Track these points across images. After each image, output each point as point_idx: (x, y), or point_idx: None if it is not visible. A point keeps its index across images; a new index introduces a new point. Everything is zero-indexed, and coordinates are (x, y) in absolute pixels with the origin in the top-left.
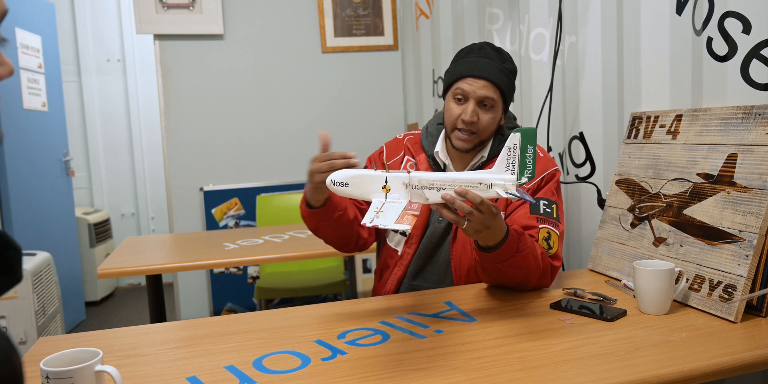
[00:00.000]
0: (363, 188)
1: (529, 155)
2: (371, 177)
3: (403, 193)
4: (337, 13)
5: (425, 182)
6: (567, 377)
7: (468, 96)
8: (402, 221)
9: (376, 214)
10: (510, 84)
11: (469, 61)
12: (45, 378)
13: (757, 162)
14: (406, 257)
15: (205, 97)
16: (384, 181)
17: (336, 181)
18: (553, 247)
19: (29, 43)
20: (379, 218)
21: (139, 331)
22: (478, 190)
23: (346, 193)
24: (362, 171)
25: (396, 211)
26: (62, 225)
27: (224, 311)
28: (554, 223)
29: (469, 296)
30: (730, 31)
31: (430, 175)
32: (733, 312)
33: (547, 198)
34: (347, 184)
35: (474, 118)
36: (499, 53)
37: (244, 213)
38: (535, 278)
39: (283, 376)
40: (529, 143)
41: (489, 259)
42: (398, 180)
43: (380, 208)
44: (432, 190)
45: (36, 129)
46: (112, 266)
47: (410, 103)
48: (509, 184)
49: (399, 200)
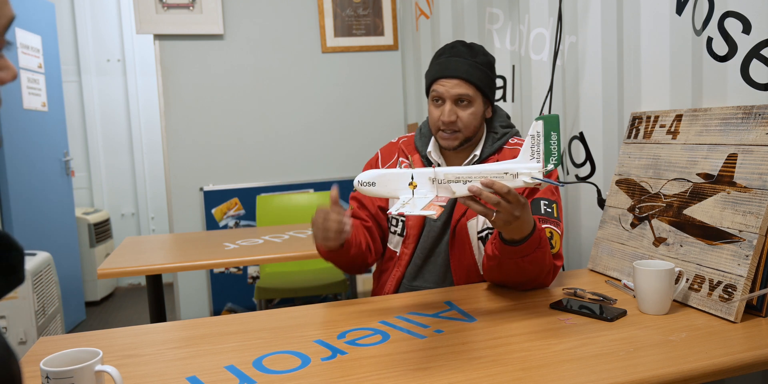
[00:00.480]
0: (390, 186)
1: (553, 142)
2: (398, 175)
3: (430, 188)
4: (337, 13)
5: (451, 176)
6: (567, 377)
7: (443, 97)
8: (428, 208)
9: (403, 205)
10: (485, 77)
11: (439, 63)
12: (45, 378)
13: (757, 162)
14: (404, 258)
15: (205, 97)
16: (410, 177)
17: (363, 182)
18: (555, 246)
19: (29, 43)
20: (406, 207)
21: (139, 331)
22: (504, 180)
23: (374, 193)
24: (388, 170)
25: (423, 202)
26: (62, 225)
27: (224, 311)
28: (555, 222)
29: (469, 296)
30: (730, 31)
31: (456, 169)
32: (733, 312)
33: (547, 198)
34: (374, 183)
35: (452, 117)
36: (470, 49)
37: (244, 213)
38: (542, 276)
39: (283, 376)
40: (552, 130)
41: (512, 254)
42: (424, 176)
43: (407, 201)
44: (458, 183)
45: (36, 129)
46: (112, 266)
47: (410, 103)
48: (535, 172)
49: (426, 195)
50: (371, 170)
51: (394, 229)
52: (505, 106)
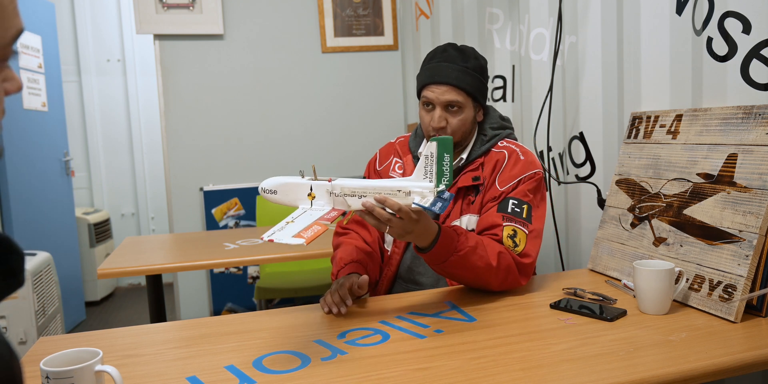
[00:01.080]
0: (290, 196)
1: (445, 163)
2: (297, 185)
3: (327, 201)
4: (337, 13)
5: (347, 190)
6: (567, 377)
7: (433, 103)
8: (300, 235)
9: (283, 226)
10: (475, 82)
11: (430, 68)
12: (45, 378)
13: (757, 162)
14: (395, 257)
15: (205, 97)
16: (309, 189)
17: (266, 189)
18: (520, 244)
19: (29, 43)
20: (280, 232)
21: (139, 331)
22: (397, 197)
23: (276, 200)
24: (290, 179)
25: (306, 221)
26: (62, 225)
27: (224, 311)
28: (522, 222)
29: (469, 296)
30: (730, 31)
31: (352, 183)
32: (733, 312)
33: (518, 198)
34: (276, 191)
35: (442, 123)
36: (462, 53)
37: (244, 213)
38: (493, 278)
39: (283, 376)
40: (446, 151)
41: (428, 261)
42: (322, 188)
43: (296, 217)
44: (354, 197)
45: (36, 129)
46: (112, 266)
47: (410, 103)
48: (427, 191)
49: (323, 207)
50: (274, 178)
51: None
52: (505, 106)
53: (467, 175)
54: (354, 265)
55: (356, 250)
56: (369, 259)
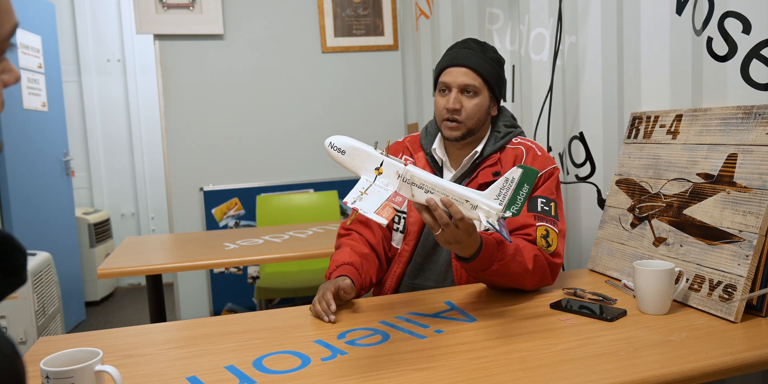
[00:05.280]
0: (357, 162)
1: (522, 193)
2: (369, 154)
3: (392, 181)
4: (337, 13)
5: (417, 180)
6: (567, 377)
7: (450, 86)
8: (381, 213)
9: (360, 195)
10: (494, 72)
11: (449, 54)
12: (45, 378)
13: (757, 162)
14: (405, 254)
15: (205, 97)
16: (380, 163)
17: (334, 146)
18: (552, 244)
19: (29, 43)
20: (362, 202)
21: (139, 331)
22: (462, 206)
23: (340, 160)
24: (364, 145)
25: (380, 198)
26: (62, 225)
27: (224, 311)
28: (552, 220)
29: (469, 296)
30: (730, 31)
31: (425, 175)
32: (733, 312)
33: (545, 196)
34: (344, 152)
35: (457, 105)
36: (482, 45)
37: (244, 213)
38: (528, 281)
39: (283, 376)
40: (527, 182)
41: (468, 269)
42: (393, 168)
43: (366, 189)
44: (421, 189)
45: (36, 129)
46: (112, 266)
47: (410, 103)
48: (493, 212)
49: (386, 187)
50: (347, 138)
51: (396, 226)
52: (505, 106)
53: (486, 171)
54: (346, 268)
55: (351, 252)
56: (364, 261)
